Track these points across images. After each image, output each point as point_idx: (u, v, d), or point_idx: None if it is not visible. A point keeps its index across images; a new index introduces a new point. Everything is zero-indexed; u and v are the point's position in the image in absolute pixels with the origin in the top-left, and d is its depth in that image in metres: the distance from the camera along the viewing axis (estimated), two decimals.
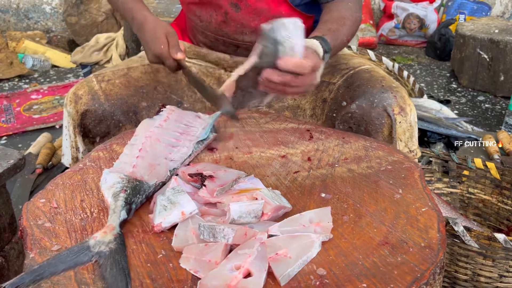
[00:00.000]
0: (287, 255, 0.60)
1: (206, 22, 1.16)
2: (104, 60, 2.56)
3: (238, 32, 1.14)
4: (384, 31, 4.11)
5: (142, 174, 0.78)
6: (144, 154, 0.83)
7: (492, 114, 2.75)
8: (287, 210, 0.72)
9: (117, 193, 0.71)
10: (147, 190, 0.76)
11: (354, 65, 1.13)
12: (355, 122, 1.05)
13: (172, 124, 0.94)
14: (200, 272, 0.59)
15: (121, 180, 0.74)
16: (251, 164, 0.88)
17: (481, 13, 3.96)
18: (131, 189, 0.73)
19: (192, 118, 0.99)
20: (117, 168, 0.80)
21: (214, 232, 0.62)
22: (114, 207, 0.69)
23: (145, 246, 0.66)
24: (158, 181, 0.79)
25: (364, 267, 0.60)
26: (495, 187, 1.50)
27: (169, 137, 0.90)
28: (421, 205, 0.73)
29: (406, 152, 1.05)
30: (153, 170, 0.80)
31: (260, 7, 1.09)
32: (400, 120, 1.01)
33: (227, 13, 1.10)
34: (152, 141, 0.87)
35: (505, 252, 1.12)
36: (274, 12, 1.11)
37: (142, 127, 0.91)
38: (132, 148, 0.85)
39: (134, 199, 0.73)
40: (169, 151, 0.87)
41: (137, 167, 0.80)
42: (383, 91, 1.03)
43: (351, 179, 0.82)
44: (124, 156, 0.84)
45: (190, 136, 0.92)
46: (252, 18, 1.10)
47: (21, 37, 3.52)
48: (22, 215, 0.72)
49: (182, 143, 0.90)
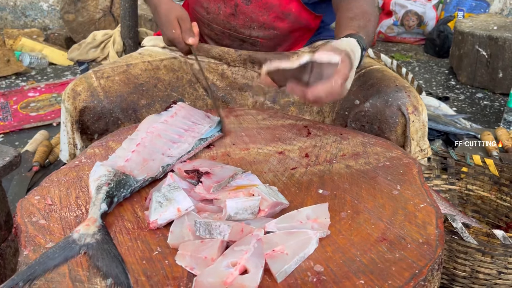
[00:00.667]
0: (284, 251, 0.60)
1: (214, 14, 1.15)
2: (101, 57, 2.54)
3: (246, 26, 1.13)
4: (382, 28, 4.10)
5: (132, 168, 0.78)
6: (141, 149, 0.83)
7: (491, 111, 2.74)
8: (284, 207, 0.72)
9: (101, 186, 0.72)
10: (133, 185, 0.76)
11: (364, 64, 1.13)
12: (368, 120, 1.05)
13: (178, 121, 0.93)
14: (196, 269, 0.59)
15: (108, 173, 0.74)
16: (248, 161, 0.88)
17: (479, 10, 3.95)
18: (116, 182, 0.73)
19: (201, 117, 0.99)
20: (110, 162, 0.79)
21: (210, 229, 0.61)
22: (95, 200, 0.70)
23: (141, 243, 0.65)
24: (148, 176, 0.78)
25: (361, 264, 0.60)
26: (493, 184, 1.50)
27: (172, 133, 0.89)
28: (419, 201, 0.73)
29: (418, 151, 1.05)
30: (145, 165, 0.80)
31: (270, 2, 1.09)
32: (414, 119, 1.02)
33: (237, 5, 1.10)
34: (153, 137, 0.86)
35: (504, 249, 1.11)
36: (284, 9, 1.11)
37: (146, 122, 0.91)
38: (130, 142, 0.85)
39: (116, 192, 0.73)
40: (168, 147, 0.86)
41: (130, 161, 0.79)
42: (397, 90, 1.02)
43: (349, 175, 0.81)
44: (121, 150, 0.84)
45: (194, 133, 0.92)
46: (261, 13, 1.10)
47: (18, 35, 3.51)
48: (17, 212, 0.71)
49: (184, 140, 0.89)
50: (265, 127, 1.01)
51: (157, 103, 1.13)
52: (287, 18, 1.12)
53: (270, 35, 1.15)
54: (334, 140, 0.94)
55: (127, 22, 2.46)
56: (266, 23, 1.12)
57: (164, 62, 1.19)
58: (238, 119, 1.06)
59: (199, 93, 1.18)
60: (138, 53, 1.23)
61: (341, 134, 0.97)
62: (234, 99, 1.19)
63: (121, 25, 2.49)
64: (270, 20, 1.12)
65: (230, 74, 1.19)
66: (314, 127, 1.01)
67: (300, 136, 0.96)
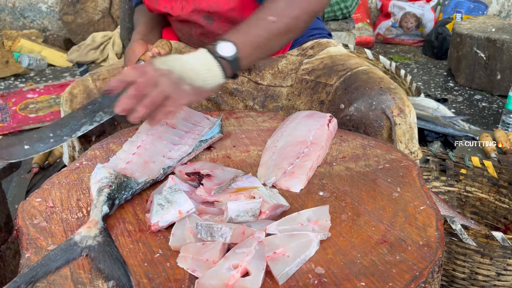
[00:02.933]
0: (285, 254, 0.60)
1: (188, 35, 1.18)
2: (100, 58, 2.55)
3: None
4: (381, 30, 4.11)
5: (133, 170, 0.78)
6: (142, 151, 0.83)
7: (489, 113, 2.75)
8: (285, 209, 0.72)
9: (102, 188, 0.72)
10: (134, 187, 0.76)
11: (351, 66, 1.12)
12: (354, 124, 1.05)
13: (179, 123, 0.94)
14: (197, 271, 0.59)
15: (110, 175, 0.74)
16: (249, 163, 0.88)
17: (477, 12, 3.96)
18: (117, 185, 0.73)
19: (201, 118, 0.99)
20: (111, 164, 0.80)
21: (211, 231, 0.61)
22: (96, 202, 0.70)
23: (142, 246, 0.65)
24: (149, 179, 0.78)
25: (362, 266, 0.60)
26: (492, 186, 1.50)
27: (173, 135, 0.90)
28: (419, 203, 0.73)
29: (407, 154, 1.05)
30: (146, 167, 0.80)
31: (231, 16, 1.07)
32: (400, 122, 1.01)
33: (202, 26, 1.11)
34: (153, 139, 0.86)
35: (503, 250, 1.12)
36: (245, 17, 1.10)
37: (147, 124, 0.90)
38: (131, 144, 0.85)
39: (118, 195, 0.72)
40: (169, 149, 0.86)
41: (131, 163, 0.80)
42: (381, 93, 1.01)
43: (349, 177, 0.82)
44: (122, 152, 0.84)
45: (194, 135, 0.92)
46: (227, 27, 1.07)
47: (17, 36, 3.50)
48: (18, 214, 0.71)
49: (185, 141, 0.89)
50: (265, 129, 1.01)
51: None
52: None
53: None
54: (334, 142, 0.95)
55: (127, 23, 2.46)
56: None
57: None
58: (239, 121, 1.06)
59: None
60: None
61: (341, 136, 0.97)
62: (226, 102, 1.20)
63: (121, 27, 2.49)
64: None
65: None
66: None
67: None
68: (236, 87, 1.19)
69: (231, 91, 1.20)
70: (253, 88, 1.19)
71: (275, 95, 1.18)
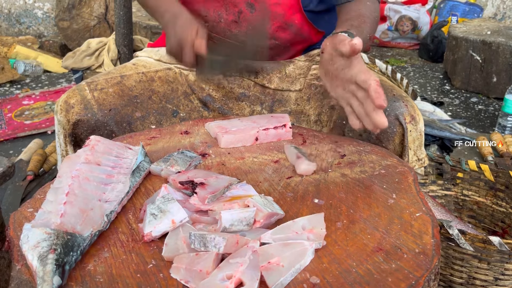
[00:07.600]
0: (279, 263, 0.59)
1: (214, 22, 1.13)
2: (95, 65, 2.54)
3: (247, 34, 1.13)
4: (377, 34, 4.12)
5: (73, 224, 0.64)
6: (73, 199, 0.68)
7: (485, 116, 2.76)
8: (279, 217, 0.71)
9: (45, 255, 0.58)
10: (81, 244, 0.62)
11: None
12: (366, 129, 1.05)
13: (100, 158, 0.80)
14: (191, 282, 0.58)
15: (48, 236, 0.60)
16: (243, 170, 0.87)
17: (473, 15, 3.98)
18: (62, 246, 0.59)
19: (123, 149, 0.87)
20: (41, 220, 0.64)
21: (205, 241, 0.61)
22: (43, 274, 0.56)
23: (135, 256, 0.64)
24: (94, 230, 0.65)
25: (358, 275, 0.59)
26: (489, 189, 1.50)
27: (100, 174, 0.77)
28: (415, 210, 0.72)
29: (415, 160, 1.05)
30: (86, 217, 0.67)
31: (275, 11, 1.08)
32: (411, 129, 1.02)
33: (241, 12, 1.08)
34: (80, 181, 0.72)
35: (500, 255, 1.11)
36: (288, 19, 1.11)
37: (66, 165, 0.76)
38: (56, 192, 0.70)
39: (67, 258, 0.59)
40: (102, 190, 0.74)
41: (66, 215, 0.65)
42: (395, 100, 1.03)
43: (344, 184, 0.81)
44: (48, 203, 0.68)
45: (124, 169, 0.81)
46: (262, 21, 1.09)
47: (12, 42, 3.49)
48: (9, 225, 0.70)
49: (116, 179, 0.78)
50: None
51: (152, 116, 1.12)
52: (289, 29, 1.12)
53: (270, 45, 1.14)
54: (329, 148, 0.94)
55: (122, 29, 2.46)
56: (269, 33, 1.12)
57: (158, 73, 1.18)
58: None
59: (194, 105, 1.18)
60: (132, 63, 1.21)
61: (336, 142, 0.97)
62: (231, 110, 1.19)
63: (116, 33, 2.49)
64: (273, 30, 1.12)
65: (226, 84, 1.18)
66: (309, 135, 1.01)
67: (295, 145, 0.96)
68: (243, 92, 1.18)
69: (238, 96, 1.18)
70: (260, 93, 1.18)
71: (283, 99, 1.18)
